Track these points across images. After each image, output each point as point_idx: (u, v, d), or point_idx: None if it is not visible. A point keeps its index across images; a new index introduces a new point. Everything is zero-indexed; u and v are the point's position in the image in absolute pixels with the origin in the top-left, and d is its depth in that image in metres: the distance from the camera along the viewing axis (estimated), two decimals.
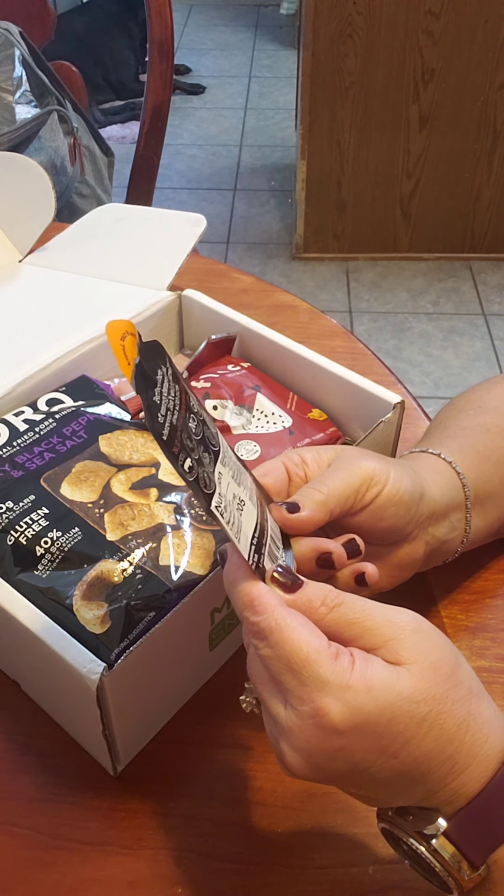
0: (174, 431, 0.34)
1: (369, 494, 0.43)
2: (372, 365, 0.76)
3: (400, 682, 0.33)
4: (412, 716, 0.33)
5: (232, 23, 3.85)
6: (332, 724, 0.33)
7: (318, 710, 0.33)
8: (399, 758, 0.33)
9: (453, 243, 2.37)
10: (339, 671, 0.33)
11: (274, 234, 2.53)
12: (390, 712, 0.33)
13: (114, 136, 2.95)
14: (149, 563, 0.47)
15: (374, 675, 0.33)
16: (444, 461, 0.50)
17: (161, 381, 0.34)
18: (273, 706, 0.35)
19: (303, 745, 0.34)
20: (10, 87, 1.23)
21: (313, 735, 0.33)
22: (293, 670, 0.34)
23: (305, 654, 0.33)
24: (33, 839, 0.46)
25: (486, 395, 0.58)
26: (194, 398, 0.37)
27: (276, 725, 0.35)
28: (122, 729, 0.45)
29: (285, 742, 0.34)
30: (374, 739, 0.33)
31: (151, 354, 0.34)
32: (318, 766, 0.34)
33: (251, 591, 0.36)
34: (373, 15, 1.96)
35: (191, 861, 0.45)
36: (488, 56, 2.01)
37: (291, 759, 0.34)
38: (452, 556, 0.51)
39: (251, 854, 0.45)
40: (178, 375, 0.36)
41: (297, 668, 0.34)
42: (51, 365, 0.61)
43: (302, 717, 0.33)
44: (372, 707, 0.33)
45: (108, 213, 0.84)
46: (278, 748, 0.35)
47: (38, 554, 0.48)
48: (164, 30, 1.27)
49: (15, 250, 0.81)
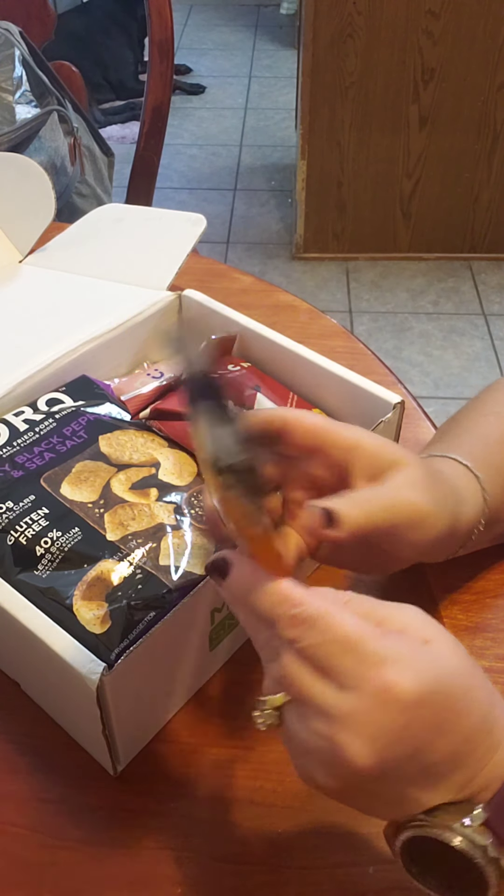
0: None
1: (408, 534, 0.42)
2: (372, 365, 0.76)
3: (441, 656, 0.33)
4: (460, 688, 0.33)
5: (232, 23, 3.85)
6: (399, 697, 0.32)
7: (386, 684, 0.32)
8: (452, 734, 0.32)
9: (453, 243, 2.37)
10: (393, 647, 0.32)
11: (274, 234, 2.53)
12: (446, 685, 0.32)
13: (114, 136, 2.95)
14: (149, 563, 0.47)
15: (423, 650, 0.33)
16: (476, 482, 0.49)
17: None
18: (323, 698, 0.33)
19: (368, 729, 0.32)
20: (10, 87, 1.23)
21: (379, 713, 0.32)
22: (350, 650, 0.33)
23: (360, 632, 0.33)
24: (33, 839, 0.46)
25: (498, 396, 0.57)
26: None
27: (329, 718, 0.33)
28: (122, 729, 0.45)
29: (345, 732, 0.32)
30: (434, 714, 0.32)
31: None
32: (382, 752, 0.32)
33: (280, 587, 0.34)
34: (373, 15, 1.96)
35: (191, 861, 0.45)
36: (488, 56, 2.01)
37: (355, 749, 0.32)
38: (450, 556, 0.51)
39: (251, 854, 0.45)
40: None
41: (354, 647, 0.32)
42: (51, 365, 0.61)
43: (366, 697, 0.32)
44: (432, 680, 0.32)
45: (108, 213, 0.84)
46: (335, 743, 0.32)
47: (38, 554, 0.48)
48: (165, 30, 1.27)
49: (15, 251, 0.81)
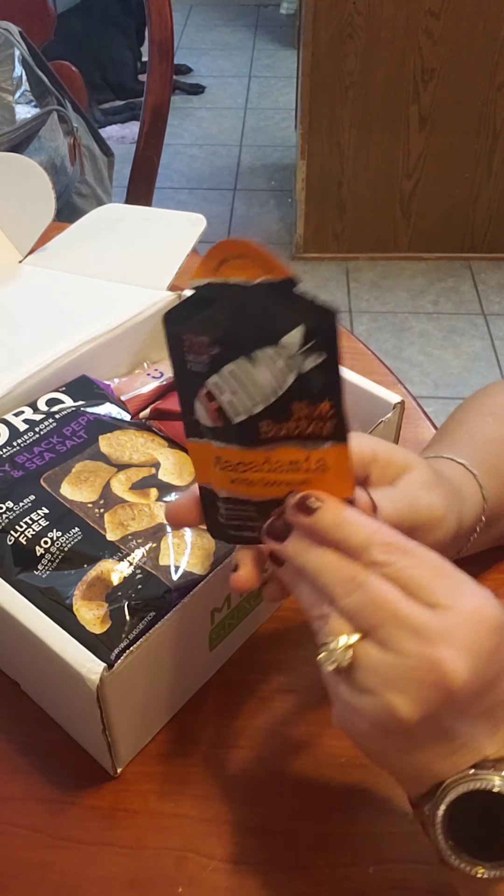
0: None
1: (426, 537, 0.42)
2: (372, 365, 0.76)
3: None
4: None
5: (232, 23, 3.85)
6: (490, 618, 0.33)
7: (479, 605, 0.33)
8: None
9: (453, 243, 2.37)
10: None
11: (274, 234, 2.53)
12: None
13: (114, 136, 2.95)
14: (149, 563, 0.47)
15: None
16: (475, 480, 0.49)
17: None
18: (418, 616, 0.33)
19: (466, 642, 0.32)
20: (9, 87, 1.23)
21: (475, 630, 0.33)
22: (442, 574, 0.34)
23: (448, 563, 0.34)
24: (33, 839, 0.46)
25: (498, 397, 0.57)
26: None
27: (424, 636, 0.33)
28: (122, 729, 0.45)
29: (444, 645, 0.32)
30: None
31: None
32: (477, 669, 0.32)
33: (374, 520, 0.35)
34: (373, 15, 1.96)
35: (191, 861, 0.45)
36: (488, 56, 2.01)
37: (453, 662, 0.32)
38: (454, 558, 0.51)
39: (251, 854, 0.45)
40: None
41: (447, 572, 0.34)
42: (51, 365, 0.61)
43: (461, 615, 0.33)
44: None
45: (108, 213, 0.84)
46: (433, 659, 0.32)
47: (38, 554, 0.48)
48: (164, 30, 1.27)
49: (15, 251, 0.81)
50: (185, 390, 0.36)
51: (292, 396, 0.36)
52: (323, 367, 0.35)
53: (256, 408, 0.36)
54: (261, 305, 0.34)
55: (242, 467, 0.37)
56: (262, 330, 0.34)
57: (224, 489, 0.39)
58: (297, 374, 0.35)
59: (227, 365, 0.35)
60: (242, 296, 0.34)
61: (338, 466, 0.37)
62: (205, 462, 0.38)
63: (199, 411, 0.37)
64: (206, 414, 0.36)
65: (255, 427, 0.36)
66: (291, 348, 0.35)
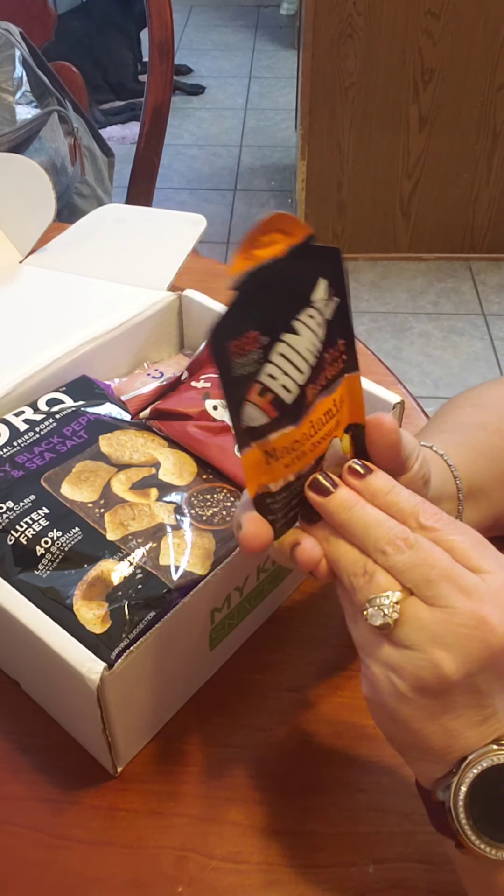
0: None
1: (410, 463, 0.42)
2: (372, 365, 0.76)
3: None
4: None
5: (232, 23, 3.85)
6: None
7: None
8: None
9: (453, 243, 2.37)
10: None
11: None
12: None
13: (114, 137, 2.95)
14: (149, 563, 0.47)
15: None
16: (436, 453, 0.50)
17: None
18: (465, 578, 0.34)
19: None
20: (10, 88, 1.23)
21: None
22: (484, 544, 0.36)
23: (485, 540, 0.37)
24: (33, 839, 0.46)
25: (486, 394, 0.58)
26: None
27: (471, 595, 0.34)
28: (122, 729, 0.45)
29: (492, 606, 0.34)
30: None
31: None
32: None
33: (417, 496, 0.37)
34: (373, 15, 1.96)
35: (191, 861, 0.45)
36: (488, 56, 2.01)
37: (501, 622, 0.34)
38: None
39: (251, 854, 0.45)
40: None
41: (486, 544, 0.36)
42: (51, 365, 0.61)
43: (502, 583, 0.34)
44: None
45: (108, 213, 0.84)
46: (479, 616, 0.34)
47: (38, 554, 0.48)
48: (165, 30, 1.27)
49: (15, 251, 0.81)
50: (234, 400, 0.34)
51: (325, 348, 0.35)
52: (340, 309, 0.35)
53: (304, 377, 0.35)
54: (291, 272, 0.33)
55: (296, 444, 0.37)
56: (296, 296, 0.34)
57: (280, 478, 0.37)
58: (326, 323, 0.35)
59: (275, 349, 0.34)
60: (276, 272, 0.33)
61: (352, 394, 0.38)
62: (257, 470, 0.37)
63: (251, 413, 0.35)
64: (259, 412, 0.35)
65: (304, 396, 0.36)
66: (320, 302, 0.34)
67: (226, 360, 0.33)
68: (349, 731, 0.50)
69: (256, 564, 0.51)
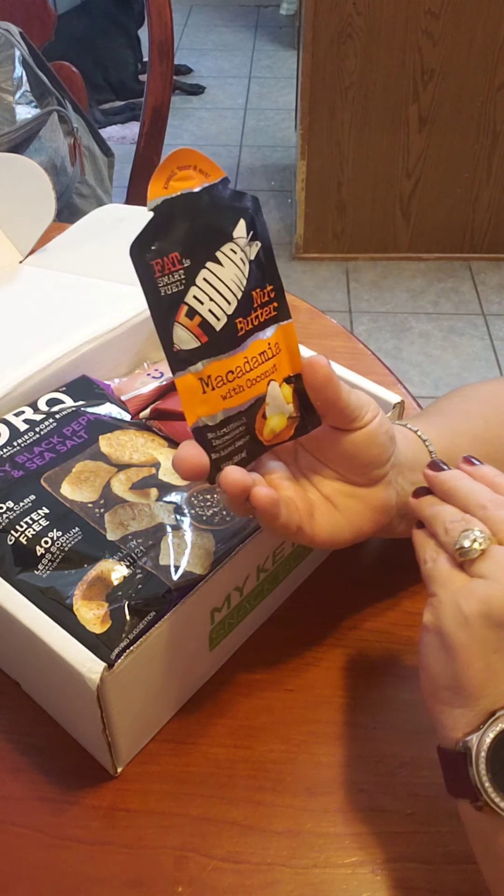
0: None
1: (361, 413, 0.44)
2: (372, 365, 0.76)
3: None
4: None
5: (232, 23, 3.85)
6: None
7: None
8: None
9: (453, 243, 2.37)
10: None
11: (274, 234, 2.53)
12: None
13: (114, 137, 2.95)
14: (149, 563, 0.47)
15: None
16: (409, 429, 0.51)
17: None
18: None
19: None
20: (10, 88, 1.23)
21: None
22: None
23: None
24: (33, 839, 0.46)
25: (475, 388, 0.59)
26: None
27: None
28: (122, 729, 0.46)
29: None
30: None
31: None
32: None
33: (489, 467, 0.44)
34: (372, 15, 1.96)
35: (191, 861, 0.45)
36: (488, 56, 2.01)
37: None
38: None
39: (251, 854, 0.45)
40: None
41: None
42: (51, 365, 0.61)
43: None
44: None
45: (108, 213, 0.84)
46: None
47: (38, 554, 0.48)
48: (165, 30, 1.27)
49: (15, 251, 0.81)
50: (163, 320, 0.37)
51: (251, 286, 0.39)
52: (263, 252, 0.39)
53: (231, 307, 0.38)
54: (210, 208, 0.37)
55: (231, 376, 0.39)
56: (217, 230, 0.37)
57: (218, 410, 0.39)
58: (249, 263, 0.38)
59: (199, 274, 0.37)
60: (194, 203, 0.36)
61: (288, 344, 0.41)
62: (193, 398, 0.39)
63: (181, 335, 0.37)
64: (189, 335, 0.37)
65: (234, 327, 0.38)
66: (241, 240, 0.38)
67: (150, 278, 0.36)
68: (349, 731, 0.50)
69: (256, 564, 0.51)
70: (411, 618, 0.56)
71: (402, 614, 0.56)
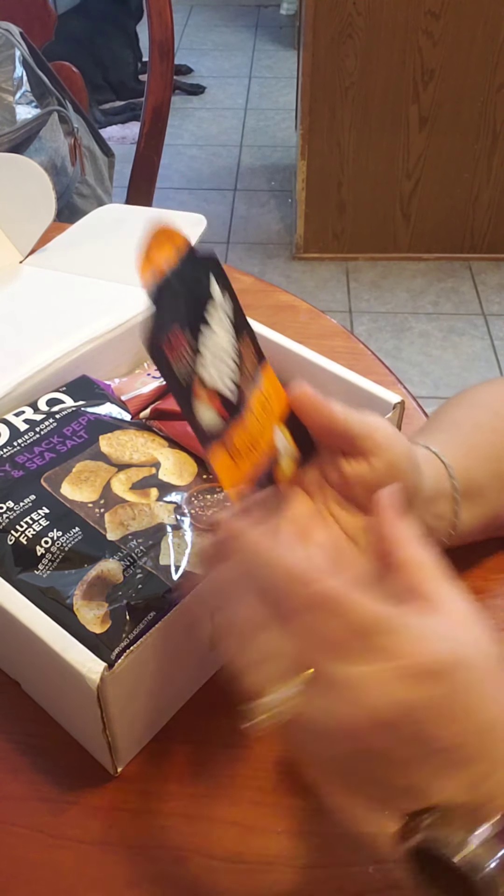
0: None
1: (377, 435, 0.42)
2: (372, 365, 0.76)
3: (467, 643, 0.31)
4: (488, 666, 0.31)
5: (232, 23, 3.85)
6: (430, 666, 0.31)
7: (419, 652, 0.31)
8: (471, 717, 0.30)
9: (453, 243, 2.37)
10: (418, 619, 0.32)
11: (274, 235, 2.53)
12: (477, 658, 0.31)
13: (114, 137, 2.95)
14: (149, 563, 0.47)
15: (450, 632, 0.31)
16: (430, 451, 0.50)
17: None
18: (341, 671, 0.31)
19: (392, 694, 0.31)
20: (10, 88, 1.23)
21: (405, 681, 0.31)
22: (377, 630, 0.31)
23: (379, 611, 0.32)
24: (33, 839, 0.46)
25: (480, 393, 0.58)
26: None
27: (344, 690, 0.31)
28: (122, 729, 0.45)
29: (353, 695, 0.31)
30: (465, 688, 0.30)
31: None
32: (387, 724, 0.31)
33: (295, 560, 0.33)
34: (373, 15, 1.96)
35: (191, 861, 0.45)
36: (488, 56, 2.01)
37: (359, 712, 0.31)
38: (438, 547, 0.51)
39: (251, 854, 0.45)
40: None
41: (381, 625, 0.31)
42: (51, 365, 0.61)
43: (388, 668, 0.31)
44: (467, 649, 0.31)
45: (108, 213, 0.84)
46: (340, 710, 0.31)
47: (38, 554, 0.48)
48: (165, 30, 1.27)
49: (15, 251, 0.81)
50: (184, 400, 0.37)
51: (238, 341, 0.40)
52: (233, 301, 0.40)
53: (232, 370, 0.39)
54: (188, 278, 0.38)
55: (251, 440, 0.40)
56: (199, 297, 0.38)
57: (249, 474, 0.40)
58: (227, 317, 0.39)
59: (199, 340, 0.38)
60: (177, 276, 0.37)
61: (274, 385, 0.42)
62: (229, 472, 0.39)
63: (203, 412, 0.38)
64: (209, 409, 0.38)
65: (242, 392, 0.39)
66: (218, 296, 0.39)
67: (165, 361, 0.37)
68: None
69: None
70: None
71: None
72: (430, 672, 0.31)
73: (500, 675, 0.32)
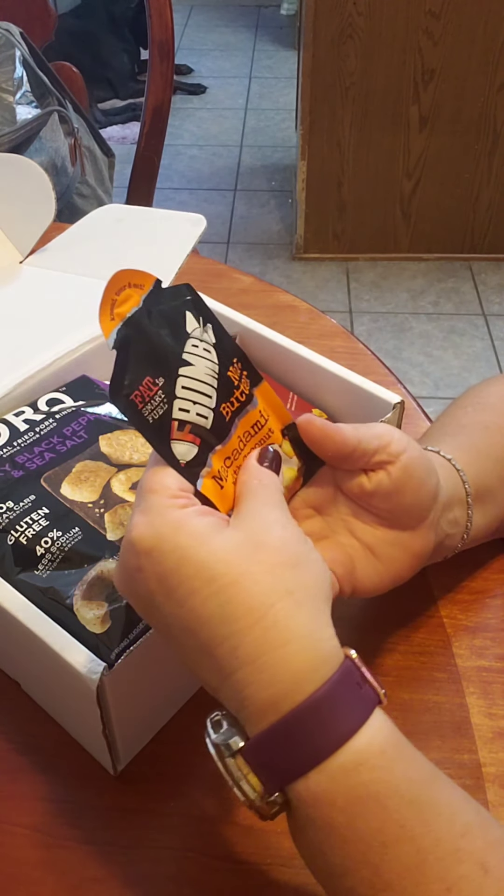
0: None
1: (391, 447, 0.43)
2: (372, 365, 0.76)
3: (214, 537, 0.35)
4: (202, 568, 0.34)
5: (232, 23, 3.85)
6: (131, 540, 0.36)
7: (130, 525, 0.36)
8: (184, 608, 0.35)
9: (453, 243, 2.37)
10: (167, 504, 0.36)
11: (274, 235, 2.53)
12: (181, 553, 0.35)
13: (114, 137, 2.95)
14: None
15: (194, 521, 0.35)
16: (443, 458, 0.50)
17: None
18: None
19: (120, 556, 0.37)
20: (10, 88, 1.23)
21: (124, 548, 0.36)
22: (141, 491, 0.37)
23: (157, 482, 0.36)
24: (33, 839, 0.46)
25: (486, 394, 0.58)
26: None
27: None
28: (122, 729, 0.45)
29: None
30: (164, 575, 0.35)
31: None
32: (125, 581, 0.37)
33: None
34: (373, 15, 1.96)
35: (191, 861, 0.45)
36: (488, 56, 2.01)
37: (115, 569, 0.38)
38: (451, 553, 0.51)
39: (251, 854, 0.45)
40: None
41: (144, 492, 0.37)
42: (51, 365, 0.61)
43: (125, 531, 0.37)
44: (168, 543, 0.35)
45: (108, 213, 0.84)
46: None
47: (38, 554, 0.48)
48: (165, 30, 1.27)
49: (15, 251, 0.82)
50: (161, 445, 0.37)
51: (223, 369, 0.39)
52: (217, 332, 0.39)
53: (213, 400, 0.38)
54: (158, 317, 0.37)
55: (229, 462, 0.40)
56: (173, 336, 0.37)
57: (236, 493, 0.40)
58: (213, 347, 0.38)
59: (176, 384, 0.37)
60: (141, 320, 0.36)
61: (271, 403, 0.42)
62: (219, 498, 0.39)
63: (180, 450, 0.38)
64: (186, 445, 0.38)
65: (221, 416, 0.39)
66: (197, 331, 0.38)
67: (136, 412, 0.36)
68: None
69: None
70: (412, 619, 0.56)
71: (404, 615, 0.56)
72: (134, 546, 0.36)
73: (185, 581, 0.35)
